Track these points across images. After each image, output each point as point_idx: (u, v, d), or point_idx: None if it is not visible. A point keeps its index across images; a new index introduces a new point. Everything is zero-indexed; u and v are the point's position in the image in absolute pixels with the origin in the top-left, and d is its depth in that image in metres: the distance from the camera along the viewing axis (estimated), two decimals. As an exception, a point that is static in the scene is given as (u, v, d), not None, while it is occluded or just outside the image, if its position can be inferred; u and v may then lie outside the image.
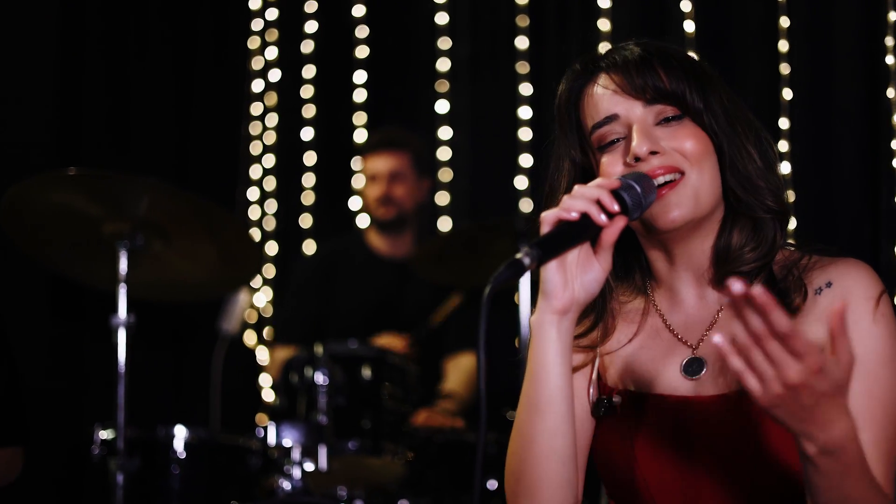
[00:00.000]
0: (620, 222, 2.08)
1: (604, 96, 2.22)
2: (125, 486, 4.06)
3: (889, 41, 4.94)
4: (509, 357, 5.36)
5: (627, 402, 2.24)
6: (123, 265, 4.12)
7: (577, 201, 2.05)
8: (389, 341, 5.12)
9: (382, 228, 5.64)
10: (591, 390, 2.30)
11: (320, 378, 4.43)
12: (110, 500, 4.07)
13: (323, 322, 5.51)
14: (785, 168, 5.17)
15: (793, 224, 5.06)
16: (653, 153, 2.16)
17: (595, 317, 2.30)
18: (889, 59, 4.93)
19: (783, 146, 5.22)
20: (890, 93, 4.91)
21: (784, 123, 5.21)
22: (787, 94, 5.21)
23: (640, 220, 2.17)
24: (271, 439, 4.33)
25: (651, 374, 2.25)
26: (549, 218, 2.06)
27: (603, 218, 2.06)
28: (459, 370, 5.42)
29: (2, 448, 3.26)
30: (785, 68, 5.22)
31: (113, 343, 4.10)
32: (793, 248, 2.24)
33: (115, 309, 4.10)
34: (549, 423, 2.14)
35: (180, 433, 4.35)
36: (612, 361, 2.31)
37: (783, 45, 5.24)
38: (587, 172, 2.27)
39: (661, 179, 2.14)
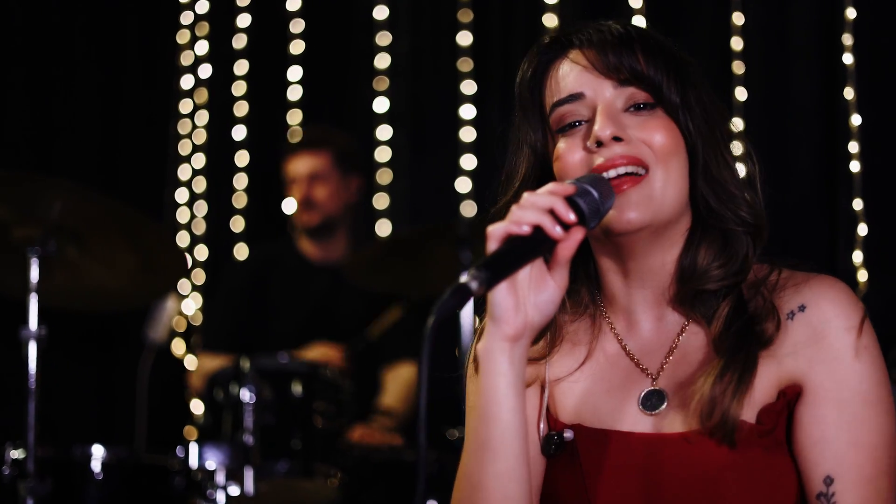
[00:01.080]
0: (578, 234, 1.86)
1: (571, 72, 2.02)
2: (36, 511, 3.94)
3: (847, 39, 4.99)
4: (450, 370, 5.38)
5: (580, 439, 2.03)
6: (35, 273, 3.93)
7: (527, 213, 1.84)
8: (324, 352, 5.02)
9: (310, 234, 5.54)
10: (541, 424, 2.08)
11: (247, 395, 4.32)
12: (20, 526, 3.96)
13: (253, 331, 5.41)
14: (740, 170, 5.09)
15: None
16: (616, 139, 1.97)
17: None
18: (847, 58, 4.99)
19: (737, 147, 5.11)
20: (848, 93, 4.99)
21: (739, 123, 5.21)
22: (742, 93, 5.24)
23: (607, 227, 1.98)
24: (193, 460, 4.18)
25: (606, 406, 2.04)
26: (496, 233, 1.84)
27: (558, 230, 1.84)
28: (398, 382, 5.33)
29: None
30: (738, 67, 5.26)
31: (23, 356, 3.93)
32: (759, 263, 2.05)
33: (24, 319, 3.93)
34: (501, 466, 1.93)
35: (98, 452, 4.16)
36: (563, 391, 2.09)
37: (737, 43, 5.27)
38: (547, 161, 2.07)
39: (621, 170, 1.94)
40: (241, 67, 6.35)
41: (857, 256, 4.97)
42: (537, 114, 2.07)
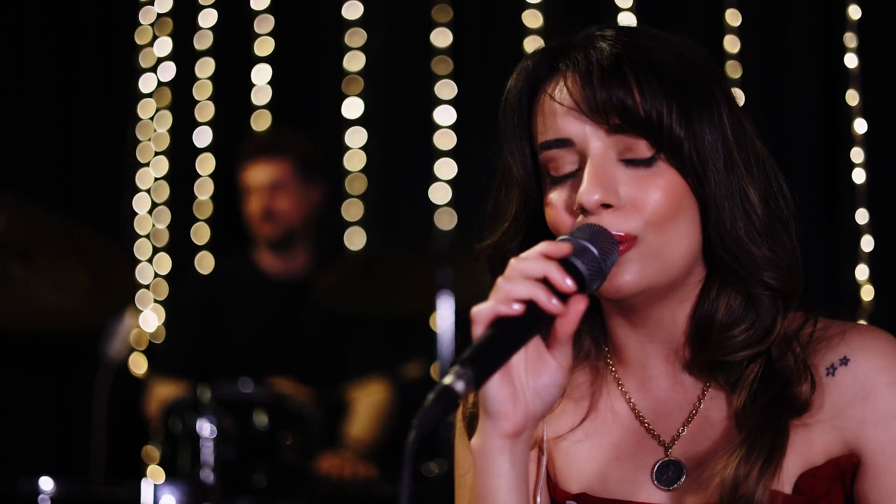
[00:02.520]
0: (579, 305, 1.63)
1: (557, 113, 1.77)
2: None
3: (850, 40, 4.93)
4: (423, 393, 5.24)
5: None
6: None
7: (517, 286, 1.60)
8: (290, 389, 4.91)
9: (270, 247, 5.41)
10: (539, 497, 1.85)
11: (206, 427, 4.19)
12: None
13: (209, 352, 5.31)
14: None
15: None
16: (605, 206, 1.72)
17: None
18: (850, 60, 4.93)
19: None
20: (851, 97, 4.93)
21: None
22: (737, 98, 4.98)
23: (601, 293, 1.76)
24: (147, 500, 4.01)
25: (616, 475, 1.83)
26: (482, 316, 1.61)
27: (555, 303, 1.61)
28: (367, 403, 5.18)
29: None
30: (733, 69, 5.21)
31: None
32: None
33: None
34: None
35: (46, 486, 4.02)
36: (564, 452, 1.87)
37: (731, 44, 5.20)
38: (539, 200, 1.82)
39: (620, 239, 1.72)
40: (206, 67, 6.18)
41: (862, 272, 4.87)
42: (527, 146, 1.83)
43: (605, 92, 1.72)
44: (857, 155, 4.87)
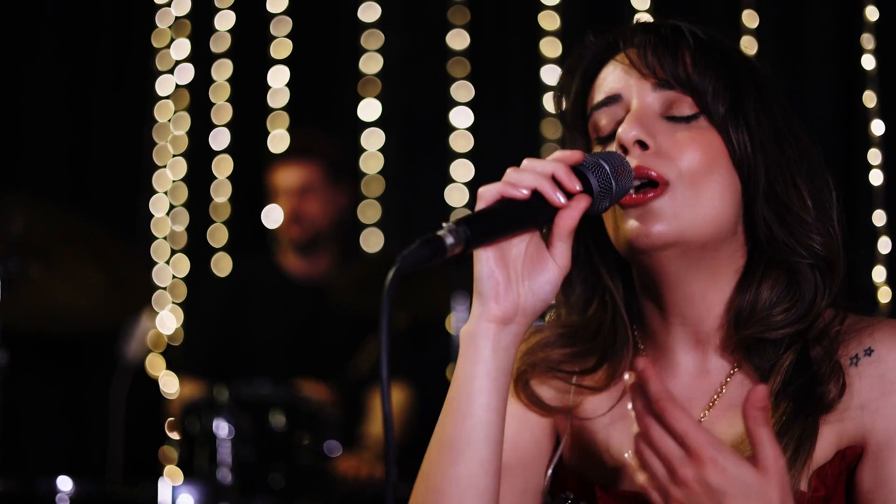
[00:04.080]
0: (582, 202, 1.69)
1: (610, 74, 1.85)
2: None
3: (867, 42, 4.94)
4: (441, 395, 5.22)
5: (601, 499, 1.87)
6: None
7: (525, 175, 1.67)
8: (312, 391, 4.91)
9: (296, 249, 5.42)
10: (547, 476, 1.93)
11: (223, 428, 4.21)
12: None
13: (232, 353, 5.33)
14: None
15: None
16: (641, 145, 1.76)
17: (600, 356, 1.91)
18: (867, 62, 4.92)
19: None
20: (868, 99, 4.93)
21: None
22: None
23: (626, 239, 1.78)
24: (165, 500, 4.00)
25: (631, 466, 1.78)
26: (488, 194, 1.68)
27: (559, 197, 1.67)
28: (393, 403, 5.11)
29: None
30: None
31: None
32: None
33: None
34: (463, 470, 1.73)
35: (65, 485, 3.98)
36: (586, 437, 1.92)
37: (749, 45, 5.21)
38: None
39: (636, 182, 1.74)
40: (224, 70, 6.23)
41: (879, 274, 4.88)
42: (583, 115, 1.90)
43: (656, 56, 1.79)
44: (874, 157, 4.87)
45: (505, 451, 1.82)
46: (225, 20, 6.24)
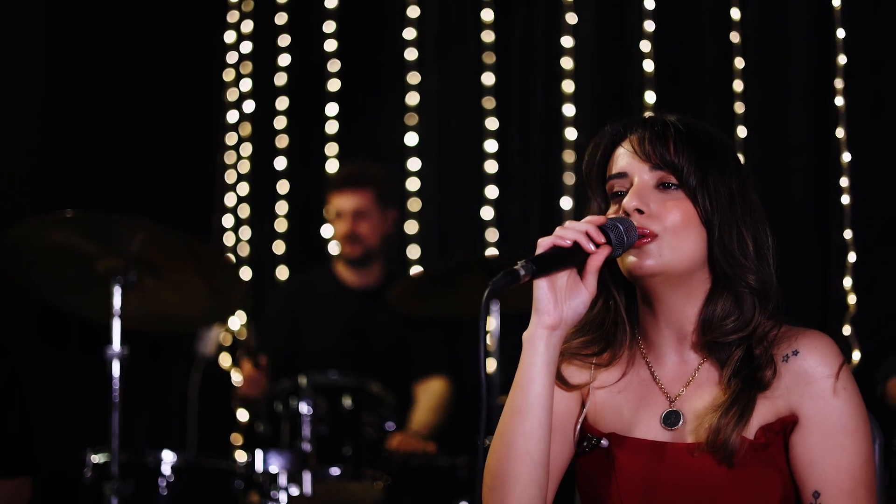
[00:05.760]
0: (605, 251, 2.29)
1: (622, 155, 2.41)
2: (119, 509, 4.19)
3: (838, 83, 5.05)
4: (477, 387, 5.58)
5: (615, 443, 2.43)
6: (117, 300, 4.28)
7: (569, 231, 2.28)
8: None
9: (350, 263, 5.68)
10: (578, 426, 2.49)
11: (304, 408, 4.60)
12: (105, 523, 4.18)
13: (296, 351, 5.59)
14: None
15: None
16: (638, 211, 2.34)
17: (605, 344, 2.50)
18: (838, 100, 5.04)
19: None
20: (839, 132, 5.05)
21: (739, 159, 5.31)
22: (742, 131, 5.32)
23: (627, 269, 2.36)
24: (259, 465, 4.45)
25: (635, 419, 2.44)
26: (544, 243, 2.28)
27: (591, 246, 2.28)
28: (429, 395, 5.53)
29: (14, 478, 3.42)
30: (739, 107, 5.34)
31: (107, 374, 4.26)
32: (767, 319, 2.42)
33: (108, 340, 4.27)
34: (528, 427, 2.31)
35: (168, 457, 4.49)
36: (601, 399, 2.49)
37: (738, 85, 5.35)
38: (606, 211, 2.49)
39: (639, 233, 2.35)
40: (282, 103, 6.45)
41: (848, 282, 5.03)
42: (602, 180, 2.46)
43: (651, 146, 2.36)
44: (844, 182, 5.01)
45: None
46: (284, 59, 6.47)
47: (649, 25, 5.60)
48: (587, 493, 2.46)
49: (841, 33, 5.09)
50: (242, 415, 5.72)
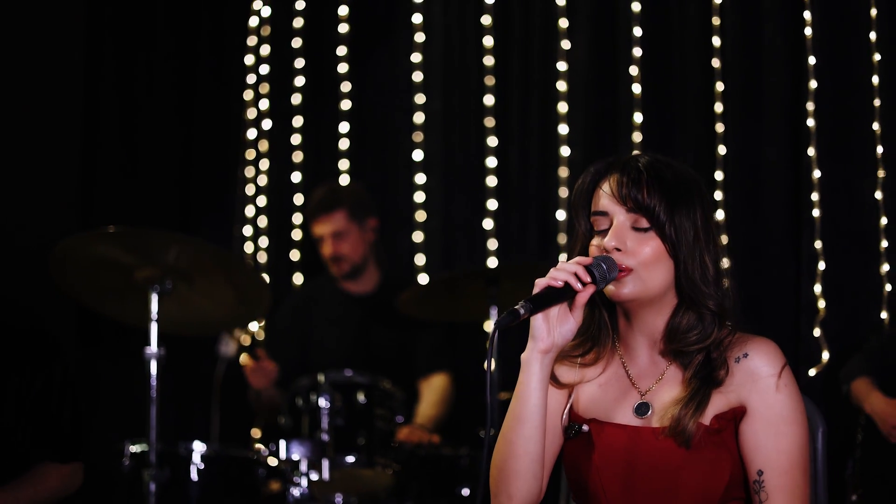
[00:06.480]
0: (590, 289, 2.58)
1: (603, 195, 2.68)
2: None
3: (810, 106, 5.24)
4: (478, 384, 5.76)
5: (594, 430, 2.72)
6: (154, 306, 4.43)
7: (560, 273, 2.56)
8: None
9: (343, 278, 5.79)
10: (565, 416, 2.78)
11: (323, 402, 4.77)
12: (143, 506, 4.38)
13: (306, 357, 5.69)
14: (720, 215, 5.43)
15: (726, 264, 5.23)
16: (617, 249, 2.62)
17: (591, 344, 2.79)
18: (810, 122, 5.24)
19: (718, 195, 5.47)
20: (811, 151, 5.24)
21: (719, 175, 5.52)
22: (722, 149, 5.50)
23: (608, 294, 2.64)
24: (282, 454, 4.63)
25: (612, 409, 2.73)
26: (540, 283, 2.57)
27: (579, 285, 2.56)
28: (432, 390, 5.64)
29: (68, 463, 3.78)
30: (720, 127, 5.51)
31: (146, 372, 4.42)
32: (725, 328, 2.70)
33: (147, 342, 4.43)
34: (526, 432, 2.64)
35: (199, 447, 4.67)
36: (584, 392, 2.78)
37: (718, 107, 5.52)
38: (589, 238, 2.76)
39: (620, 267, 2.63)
40: (298, 121, 6.58)
41: (818, 288, 5.23)
42: (587, 211, 2.73)
43: (627, 190, 2.62)
44: (815, 196, 5.21)
45: None
46: (299, 80, 6.60)
47: (637, 51, 5.79)
48: (572, 473, 2.75)
49: (812, 60, 5.29)
50: (258, 415, 5.81)
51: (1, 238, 5.66)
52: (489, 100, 6.29)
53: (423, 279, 6.19)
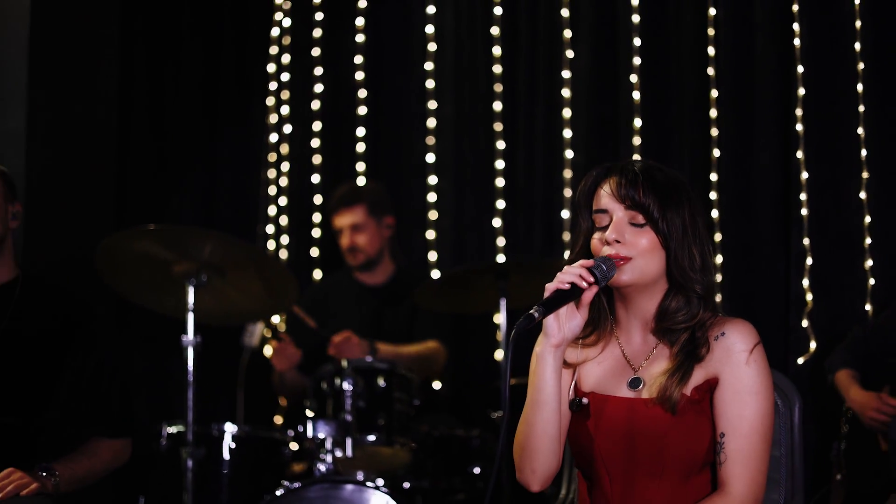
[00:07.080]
0: (594, 289, 2.79)
1: (604, 195, 2.89)
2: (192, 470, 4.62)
3: (798, 112, 5.36)
4: (489, 370, 5.96)
5: (592, 402, 2.91)
6: (191, 298, 4.60)
7: (566, 276, 2.76)
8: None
9: (358, 270, 5.93)
10: (571, 391, 2.97)
11: (346, 386, 4.88)
12: (181, 482, 4.63)
13: (325, 344, 5.60)
14: (714, 214, 5.55)
15: (719, 260, 5.43)
16: (617, 241, 2.83)
17: (592, 328, 2.99)
18: (799, 127, 5.35)
19: (713, 195, 5.59)
20: (799, 154, 5.36)
21: (714, 177, 5.64)
22: (716, 152, 5.61)
23: (610, 281, 2.83)
24: (309, 433, 4.78)
25: (609, 384, 2.93)
26: (550, 287, 2.76)
27: (584, 284, 2.76)
28: (422, 345, 5.71)
29: (118, 438, 4.03)
30: (714, 131, 5.61)
31: (183, 358, 4.62)
32: (708, 311, 2.89)
33: (184, 331, 4.61)
34: (545, 415, 2.85)
35: (230, 429, 4.86)
36: (585, 370, 2.99)
37: (713, 113, 5.63)
38: (591, 236, 2.94)
39: (619, 258, 2.84)
40: (317, 126, 6.66)
41: (806, 282, 5.34)
42: (589, 209, 2.93)
43: (625, 190, 2.83)
44: (803, 196, 5.31)
45: None
46: (318, 87, 6.69)
47: (637, 60, 5.91)
48: (575, 442, 2.95)
49: (801, 69, 5.41)
50: (281, 397, 5.93)
51: (45, 235, 5.69)
52: (497, 106, 6.36)
53: (436, 274, 6.30)
